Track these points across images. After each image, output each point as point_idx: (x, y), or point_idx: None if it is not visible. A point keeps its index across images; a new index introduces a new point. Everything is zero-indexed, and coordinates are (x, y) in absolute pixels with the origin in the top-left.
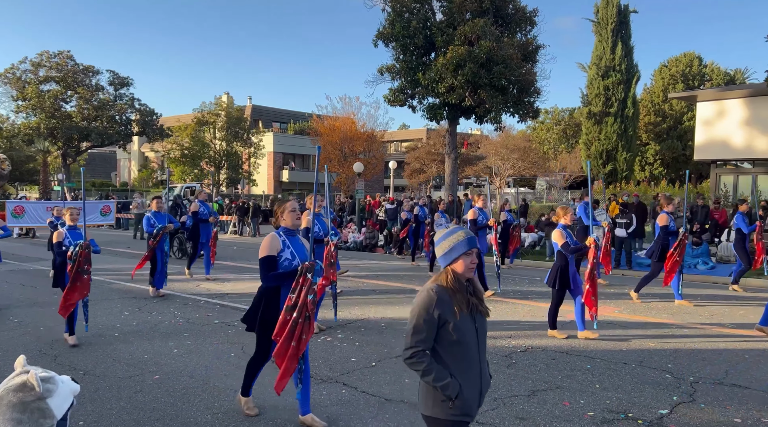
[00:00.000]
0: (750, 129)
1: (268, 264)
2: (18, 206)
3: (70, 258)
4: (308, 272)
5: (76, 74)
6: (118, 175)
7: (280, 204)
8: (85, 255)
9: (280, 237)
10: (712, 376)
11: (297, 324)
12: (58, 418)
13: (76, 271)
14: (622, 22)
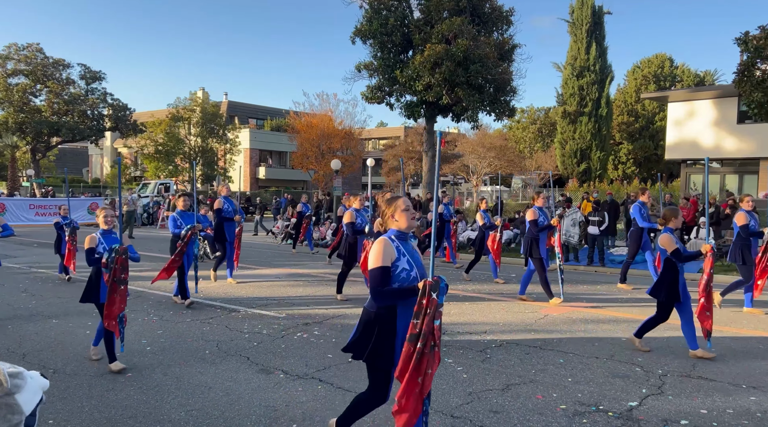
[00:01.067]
0: (718, 129)
1: (382, 277)
2: None
3: (105, 266)
4: (433, 290)
5: (46, 68)
6: (90, 171)
7: (390, 202)
8: (122, 262)
9: (393, 243)
10: (680, 369)
11: (423, 356)
12: (27, 414)
13: (112, 281)
14: (596, 23)
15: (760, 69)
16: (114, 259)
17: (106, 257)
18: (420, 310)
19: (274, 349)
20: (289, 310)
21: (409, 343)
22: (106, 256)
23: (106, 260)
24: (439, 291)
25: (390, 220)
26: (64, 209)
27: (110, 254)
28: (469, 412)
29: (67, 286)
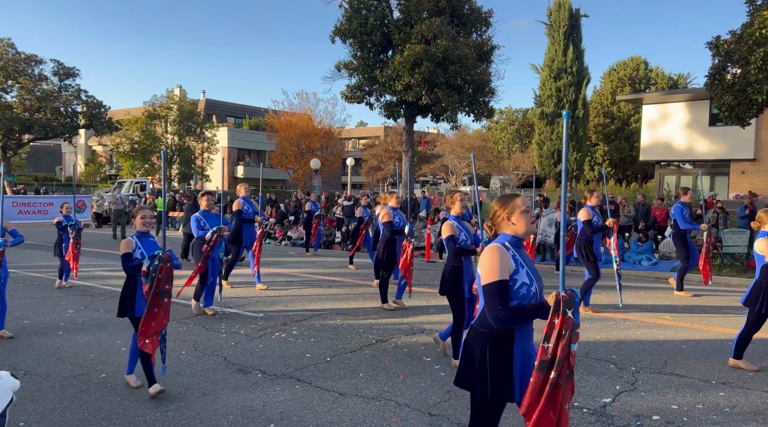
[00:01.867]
0: (691, 131)
1: (501, 293)
2: None
3: (146, 275)
4: (567, 307)
5: (18, 63)
6: (64, 169)
7: (507, 201)
8: (167, 271)
9: (509, 251)
10: (653, 366)
11: (557, 388)
12: None
13: (154, 292)
14: (573, 26)
15: (731, 73)
16: (157, 267)
17: (147, 265)
18: (551, 331)
19: (252, 349)
20: (267, 310)
21: (540, 372)
22: (147, 263)
23: (147, 267)
24: (574, 308)
25: (504, 223)
26: (67, 208)
27: (152, 262)
28: (446, 410)
29: (40, 286)
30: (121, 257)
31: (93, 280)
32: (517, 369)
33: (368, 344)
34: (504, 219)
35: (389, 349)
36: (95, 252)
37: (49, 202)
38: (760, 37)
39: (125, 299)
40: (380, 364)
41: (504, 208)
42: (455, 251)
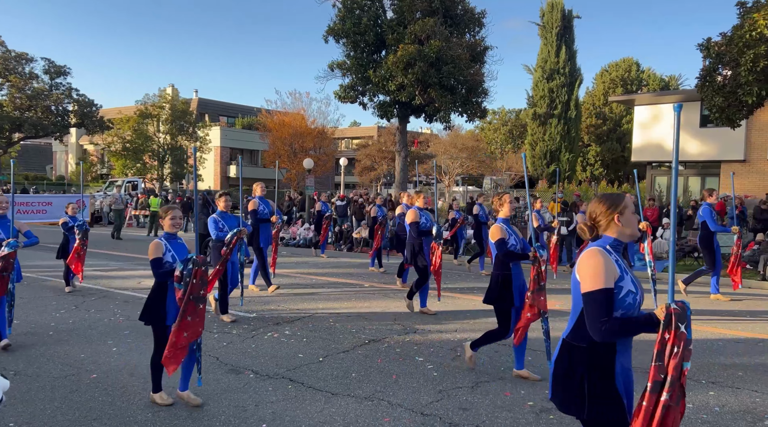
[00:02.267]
0: (682, 133)
1: (607, 303)
2: None
3: (179, 281)
4: (680, 321)
5: (8, 61)
6: (54, 168)
7: (615, 200)
8: (202, 275)
9: (612, 255)
10: (643, 365)
11: (669, 411)
12: None
13: (188, 299)
14: (566, 27)
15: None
16: (192, 271)
17: (180, 269)
18: (663, 348)
19: (244, 349)
20: (260, 309)
21: (652, 393)
22: (180, 267)
23: (180, 272)
24: (686, 322)
25: (612, 224)
26: (73, 208)
27: (186, 265)
28: (439, 409)
29: (30, 286)
30: (151, 262)
31: (84, 280)
32: (620, 385)
33: (361, 344)
34: (613, 220)
35: (382, 349)
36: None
37: (48, 202)
38: (751, 39)
39: (154, 306)
40: (373, 364)
41: (613, 207)
42: (505, 254)
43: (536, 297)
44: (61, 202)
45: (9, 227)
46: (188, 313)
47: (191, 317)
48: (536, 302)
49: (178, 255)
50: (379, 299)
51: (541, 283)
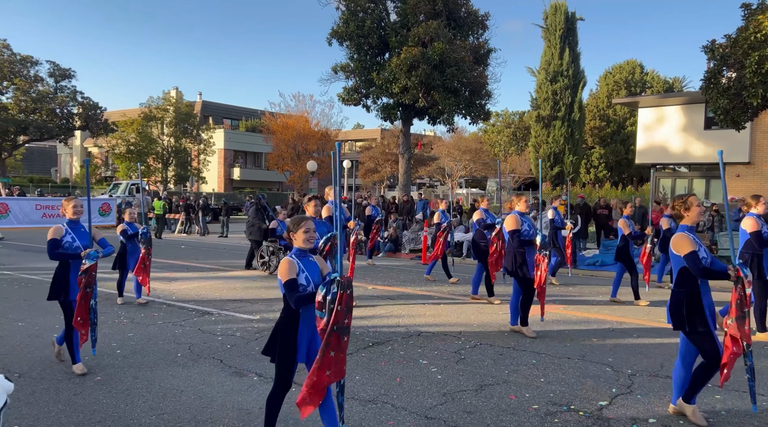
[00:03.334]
0: (686, 135)
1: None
2: (1, 204)
3: (321, 307)
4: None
5: (13, 64)
6: (59, 171)
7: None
8: (347, 300)
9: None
10: (649, 369)
11: None
12: None
13: (331, 329)
14: (569, 29)
15: (726, 76)
16: (336, 296)
17: (323, 293)
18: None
19: (248, 351)
20: (264, 312)
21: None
22: (322, 291)
23: (323, 297)
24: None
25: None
26: (131, 214)
27: (329, 289)
28: (443, 412)
29: (34, 289)
30: (285, 284)
31: None
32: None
33: (365, 346)
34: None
35: (386, 352)
36: None
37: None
38: (755, 41)
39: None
40: (377, 367)
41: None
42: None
43: (740, 326)
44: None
45: (86, 234)
46: (332, 347)
47: (335, 353)
48: (741, 332)
49: (311, 276)
50: (382, 302)
51: (745, 309)
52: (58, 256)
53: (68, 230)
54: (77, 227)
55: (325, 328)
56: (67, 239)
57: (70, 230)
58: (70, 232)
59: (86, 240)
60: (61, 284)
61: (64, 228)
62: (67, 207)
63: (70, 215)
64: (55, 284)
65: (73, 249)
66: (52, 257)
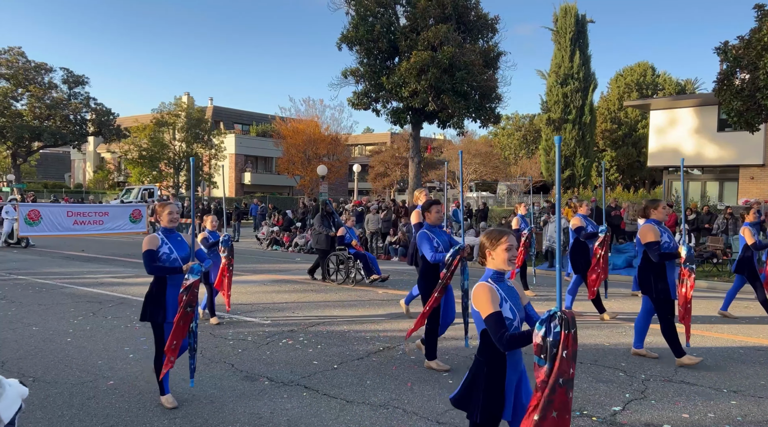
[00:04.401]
0: (699, 137)
1: None
2: (33, 210)
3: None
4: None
5: (28, 71)
6: (73, 176)
7: None
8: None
9: None
10: (663, 374)
11: None
12: (6, 422)
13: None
14: (580, 32)
15: (739, 78)
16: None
17: (542, 333)
18: None
19: (259, 356)
20: (274, 316)
21: None
22: (541, 331)
23: (542, 337)
24: None
25: None
26: (212, 222)
27: (549, 327)
28: (454, 418)
29: (48, 293)
30: (488, 318)
31: (101, 287)
32: None
33: (375, 351)
34: None
35: (397, 356)
36: (108, 259)
37: (105, 212)
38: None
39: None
40: (388, 371)
41: None
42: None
43: None
44: (117, 212)
45: (184, 243)
46: (554, 406)
47: (558, 414)
48: None
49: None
50: (392, 306)
51: None
52: (157, 270)
53: (164, 240)
54: (173, 235)
55: (546, 380)
56: (164, 250)
57: (166, 239)
58: (166, 241)
59: (185, 251)
60: (157, 302)
61: (159, 237)
62: (162, 213)
63: (165, 223)
64: (150, 303)
65: (171, 262)
66: (150, 270)
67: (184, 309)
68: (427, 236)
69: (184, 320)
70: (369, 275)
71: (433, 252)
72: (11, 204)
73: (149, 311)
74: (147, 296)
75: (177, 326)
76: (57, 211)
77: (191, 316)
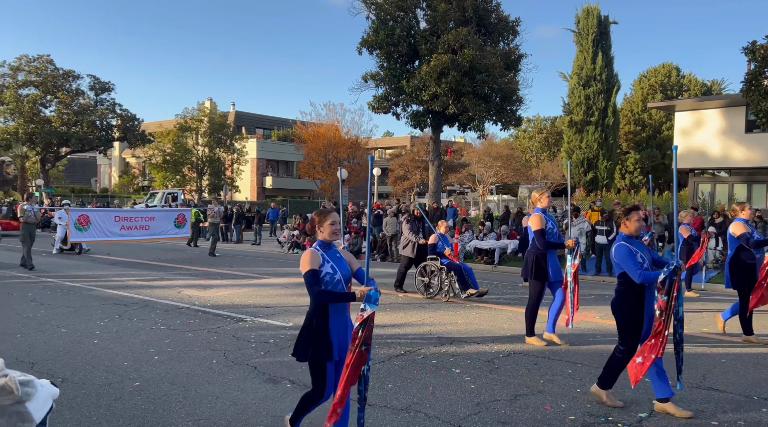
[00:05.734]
0: (726, 138)
1: None
2: (83, 216)
3: None
4: None
5: (56, 79)
6: (99, 181)
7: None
8: None
9: None
10: (690, 380)
11: None
12: (37, 422)
13: None
14: (602, 33)
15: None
16: None
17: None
18: None
19: (282, 358)
20: (297, 319)
21: None
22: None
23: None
24: None
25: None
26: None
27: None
28: (477, 423)
29: (76, 296)
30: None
31: (126, 289)
32: None
33: (397, 354)
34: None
35: (418, 360)
36: (133, 262)
37: (150, 216)
38: None
39: None
40: (409, 375)
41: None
42: None
43: None
44: (162, 217)
45: (342, 260)
46: None
47: None
48: None
49: None
50: (414, 309)
51: None
52: (324, 296)
53: (325, 257)
54: (332, 251)
55: None
56: (327, 270)
57: (327, 256)
58: (327, 259)
59: (345, 269)
60: (321, 337)
61: (319, 254)
62: (323, 223)
63: (326, 235)
64: (312, 339)
65: (334, 284)
66: (316, 297)
67: (359, 348)
68: (629, 251)
69: (358, 362)
70: (465, 289)
71: (639, 269)
72: (64, 208)
73: (312, 349)
74: (305, 330)
75: (350, 370)
76: (105, 217)
77: (365, 356)
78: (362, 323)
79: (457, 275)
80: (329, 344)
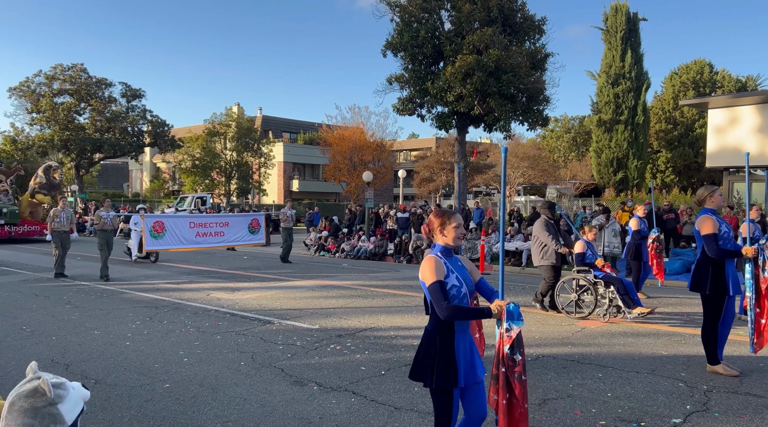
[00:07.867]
0: (762, 135)
1: None
2: (158, 222)
3: None
4: None
5: (89, 87)
6: (130, 186)
7: None
8: None
9: None
10: (726, 385)
11: None
12: (69, 424)
13: None
14: (631, 30)
15: None
16: None
17: None
18: None
19: (308, 361)
20: (322, 322)
21: None
22: None
23: None
24: None
25: None
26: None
27: None
28: None
29: (109, 298)
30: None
31: (157, 292)
32: None
33: None
34: None
35: None
36: (163, 266)
37: (225, 222)
38: None
39: None
40: None
41: None
42: None
43: None
44: (236, 222)
45: (464, 269)
46: None
47: None
48: None
49: None
50: None
51: None
52: (456, 313)
53: (448, 266)
54: (454, 260)
55: None
56: (453, 282)
57: (450, 265)
58: (452, 269)
59: (470, 282)
60: (445, 359)
61: (443, 262)
62: (446, 225)
63: (450, 240)
64: (434, 361)
65: (460, 299)
66: (464, 314)
67: (518, 381)
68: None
69: (522, 392)
70: (632, 307)
71: None
72: (139, 214)
73: (437, 373)
74: (425, 349)
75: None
76: (180, 223)
77: (526, 385)
78: (514, 346)
79: (619, 291)
80: (456, 368)
